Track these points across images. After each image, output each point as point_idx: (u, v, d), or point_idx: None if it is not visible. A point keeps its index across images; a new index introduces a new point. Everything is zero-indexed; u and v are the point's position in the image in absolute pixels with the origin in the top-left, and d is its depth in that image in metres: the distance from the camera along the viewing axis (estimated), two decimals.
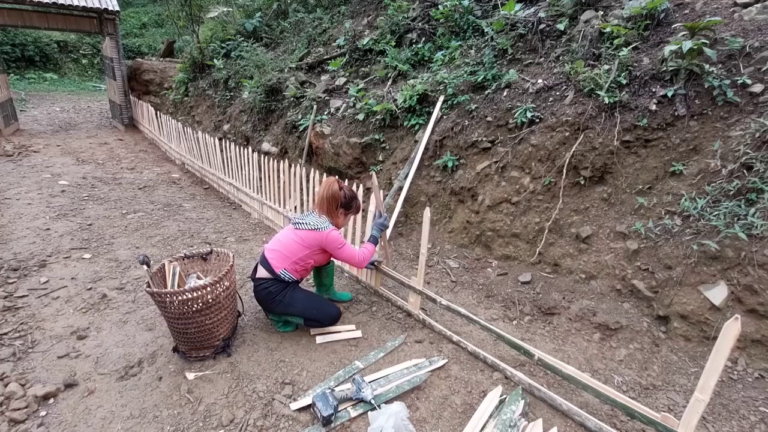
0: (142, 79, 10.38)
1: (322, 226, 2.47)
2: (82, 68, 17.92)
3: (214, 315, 2.28)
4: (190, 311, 2.18)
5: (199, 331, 2.25)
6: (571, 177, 3.23)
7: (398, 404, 1.96)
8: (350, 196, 2.63)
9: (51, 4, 7.98)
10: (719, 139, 2.70)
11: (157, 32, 20.00)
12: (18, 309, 2.72)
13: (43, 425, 1.88)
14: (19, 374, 2.16)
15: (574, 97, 3.31)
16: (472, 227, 3.67)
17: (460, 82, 4.10)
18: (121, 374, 2.21)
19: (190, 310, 2.18)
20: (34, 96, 13.14)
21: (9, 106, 8.30)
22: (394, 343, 2.57)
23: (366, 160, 4.66)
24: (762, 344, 2.26)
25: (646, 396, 2.20)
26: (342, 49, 5.98)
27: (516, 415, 1.98)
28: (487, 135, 3.73)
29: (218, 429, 1.91)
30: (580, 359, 2.48)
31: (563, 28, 3.79)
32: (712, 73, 2.79)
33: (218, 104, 7.52)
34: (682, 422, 1.65)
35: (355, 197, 2.68)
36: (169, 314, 2.21)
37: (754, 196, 2.41)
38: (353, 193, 2.67)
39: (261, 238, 4.21)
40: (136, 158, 7.23)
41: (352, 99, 5.03)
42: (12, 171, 5.85)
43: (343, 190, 2.60)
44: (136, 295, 2.97)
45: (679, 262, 2.55)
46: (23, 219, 4.18)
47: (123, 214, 4.55)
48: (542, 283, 3.08)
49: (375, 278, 3.15)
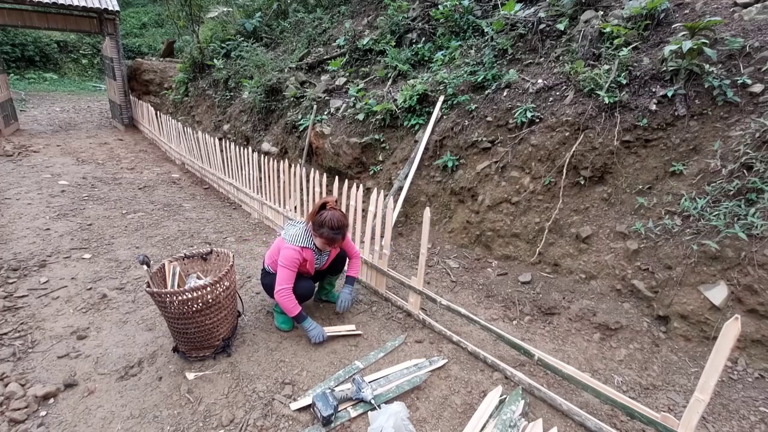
0: (142, 79, 10.38)
1: (290, 240, 2.44)
2: (82, 68, 17.92)
3: (214, 315, 2.28)
4: (190, 311, 2.18)
5: (199, 331, 2.25)
6: (571, 177, 3.23)
7: (398, 404, 1.96)
8: (323, 222, 2.36)
9: (51, 4, 7.98)
10: (719, 139, 2.70)
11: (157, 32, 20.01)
12: (18, 309, 2.72)
13: (43, 425, 1.87)
14: (19, 374, 2.16)
15: (574, 97, 3.31)
16: (472, 227, 3.67)
17: (460, 82, 4.10)
18: (121, 374, 2.21)
19: (190, 310, 2.18)
20: (34, 96, 13.13)
21: (9, 106, 8.30)
22: (394, 343, 2.57)
23: (366, 160, 4.66)
24: (762, 344, 2.26)
25: (646, 396, 2.20)
26: (342, 49, 5.98)
27: (516, 415, 1.98)
28: (487, 135, 3.73)
29: (218, 429, 1.91)
30: (580, 359, 2.48)
31: (563, 28, 3.79)
32: (712, 73, 2.79)
33: (218, 104, 7.52)
34: (682, 422, 1.65)
35: (330, 227, 2.35)
36: (169, 314, 2.21)
37: (754, 196, 2.41)
38: (334, 223, 2.35)
39: (261, 238, 4.21)
40: (136, 158, 7.23)
41: (352, 99, 5.03)
42: (12, 171, 5.85)
43: (325, 212, 2.39)
44: (136, 295, 2.97)
45: (679, 262, 2.55)
46: (23, 219, 4.18)
47: (123, 214, 4.54)
48: (542, 283, 3.08)
49: (376, 279, 3.15)
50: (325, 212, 2.39)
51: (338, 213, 2.41)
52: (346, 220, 2.45)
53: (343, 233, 2.45)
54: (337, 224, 2.38)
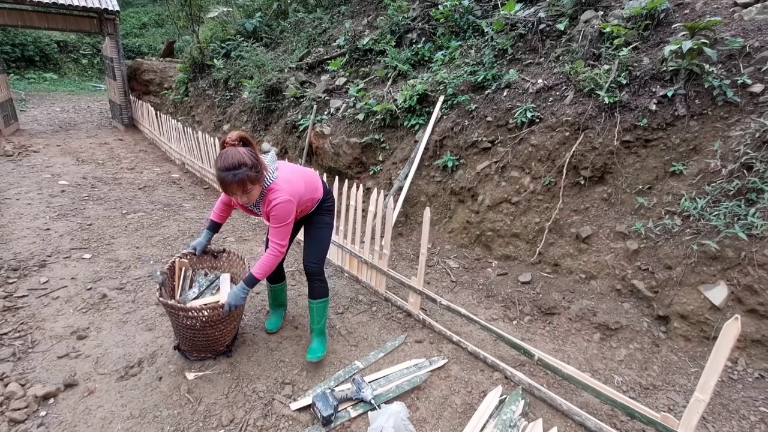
0: (142, 79, 10.37)
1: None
2: (82, 68, 17.91)
3: (223, 327, 2.23)
4: (198, 324, 2.13)
5: (206, 340, 2.24)
6: (571, 177, 3.23)
7: (398, 404, 1.96)
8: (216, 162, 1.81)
9: (51, 4, 7.97)
10: (719, 139, 2.70)
11: (157, 32, 19.99)
12: (18, 309, 2.72)
13: (43, 425, 1.87)
14: (19, 374, 2.16)
15: (574, 97, 3.31)
16: (472, 227, 3.67)
17: (460, 82, 4.10)
18: (121, 374, 2.21)
19: (198, 323, 2.13)
20: (34, 96, 13.13)
21: (9, 106, 8.29)
22: (394, 343, 2.57)
23: (366, 160, 4.65)
24: (762, 344, 2.26)
25: (646, 396, 2.20)
26: (342, 49, 5.98)
27: (516, 415, 1.98)
28: (487, 135, 3.73)
29: (218, 429, 1.90)
30: (580, 359, 2.48)
31: (563, 28, 3.79)
32: (712, 73, 2.79)
33: (218, 104, 7.52)
34: (682, 422, 1.65)
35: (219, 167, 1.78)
36: (177, 323, 2.18)
37: (754, 196, 2.41)
38: (222, 161, 1.77)
39: (261, 238, 4.21)
40: (136, 158, 7.23)
41: (352, 99, 5.03)
42: (12, 171, 5.84)
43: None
44: (136, 295, 2.97)
45: (679, 262, 2.55)
46: (23, 219, 4.17)
47: (123, 214, 4.54)
48: (542, 283, 3.08)
49: (376, 279, 3.15)
50: (223, 150, 1.81)
51: (235, 150, 1.76)
52: (246, 159, 1.75)
53: (243, 179, 1.75)
54: (227, 163, 1.73)
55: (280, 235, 1.98)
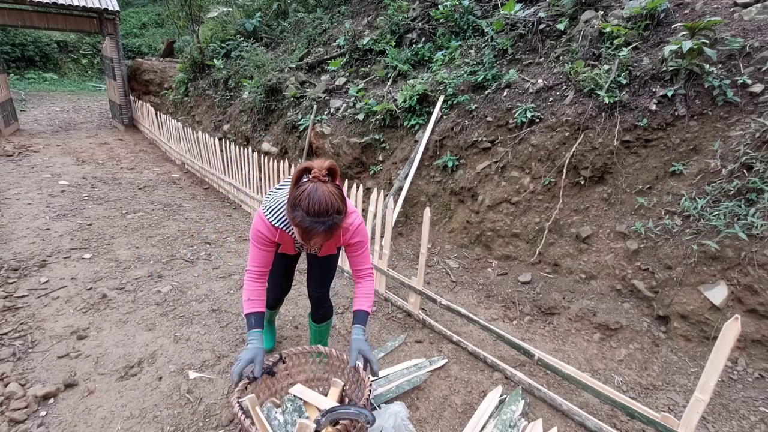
0: (142, 79, 10.38)
1: (265, 208, 1.78)
2: (82, 68, 17.92)
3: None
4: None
5: None
6: (571, 177, 3.23)
7: (398, 404, 1.96)
8: (298, 201, 1.41)
9: (51, 4, 7.97)
10: (719, 139, 2.70)
11: (157, 32, 19.99)
12: (18, 309, 2.72)
13: (43, 425, 1.87)
14: (19, 374, 2.16)
15: (574, 97, 3.31)
16: (472, 227, 3.67)
17: (460, 82, 4.10)
18: (121, 374, 2.21)
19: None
20: (34, 96, 13.13)
21: (9, 106, 8.30)
22: (394, 343, 2.57)
23: (366, 160, 4.66)
24: (762, 344, 2.26)
25: (646, 396, 2.20)
26: (342, 49, 5.98)
27: (516, 415, 1.98)
28: (487, 135, 3.73)
29: (218, 429, 1.90)
30: (580, 359, 2.48)
31: (563, 28, 3.79)
32: (712, 73, 2.79)
33: (218, 104, 7.52)
34: (682, 422, 1.65)
35: (307, 211, 1.37)
36: None
37: (754, 196, 2.41)
38: (314, 205, 1.37)
39: None
40: (136, 158, 7.23)
41: (352, 99, 5.03)
42: (12, 171, 5.84)
43: (306, 183, 1.44)
44: (136, 295, 2.97)
45: (679, 262, 2.55)
46: (23, 219, 4.17)
47: (123, 214, 4.54)
48: (542, 283, 3.08)
49: (376, 279, 3.15)
50: (305, 184, 1.41)
51: (326, 188, 1.39)
52: (339, 203, 1.42)
53: (333, 227, 1.42)
54: (318, 208, 1.36)
55: (368, 256, 1.76)
